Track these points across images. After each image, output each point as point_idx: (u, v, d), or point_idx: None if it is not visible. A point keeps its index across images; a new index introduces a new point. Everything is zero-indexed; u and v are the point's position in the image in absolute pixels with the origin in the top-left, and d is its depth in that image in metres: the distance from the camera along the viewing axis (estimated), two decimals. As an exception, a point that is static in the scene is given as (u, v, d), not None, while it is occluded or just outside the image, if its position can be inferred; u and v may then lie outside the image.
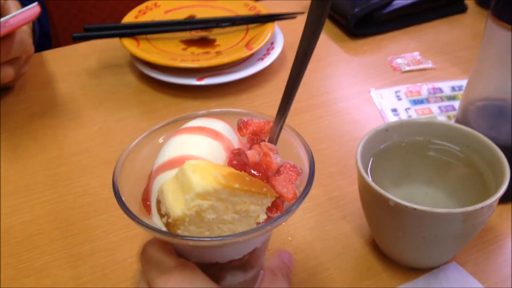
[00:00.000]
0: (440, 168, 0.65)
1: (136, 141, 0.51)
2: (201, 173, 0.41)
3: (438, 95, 0.91)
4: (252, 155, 0.48)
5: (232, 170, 0.44)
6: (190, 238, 0.41)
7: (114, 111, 0.95)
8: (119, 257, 0.67)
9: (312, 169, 0.47)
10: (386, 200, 0.55)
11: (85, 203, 0.76)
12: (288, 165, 0.48)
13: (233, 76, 0.91)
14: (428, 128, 0.65)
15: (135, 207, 0.47)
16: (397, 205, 0.54)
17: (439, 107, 0.88)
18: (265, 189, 0.44)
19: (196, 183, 0.40)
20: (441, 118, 0.86)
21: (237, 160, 0.47)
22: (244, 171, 0.46)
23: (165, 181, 0.44)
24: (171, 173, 0.45)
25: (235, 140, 0.50)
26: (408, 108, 0.88)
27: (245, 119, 0.49)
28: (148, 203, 0.48)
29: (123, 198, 0.45)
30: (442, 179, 0.65)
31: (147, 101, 0.97)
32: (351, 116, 0.88)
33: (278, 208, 0.45)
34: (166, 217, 0.42)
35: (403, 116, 0.85)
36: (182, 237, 0.41)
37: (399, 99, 0.90)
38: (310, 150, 0.49)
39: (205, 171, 0.42)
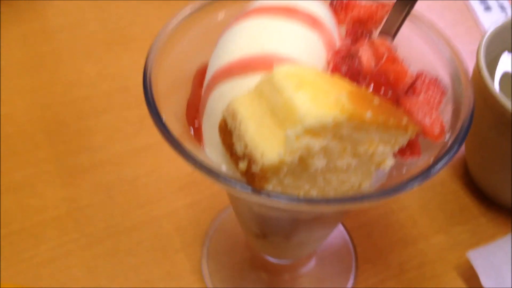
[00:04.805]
0: None
1: (179, 17, 0.31)
2: (311, 93, 0.23)
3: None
4: (366, 58, 0.30)
5: (350, 85, 0.26)
6: (295, 200, 0.24)
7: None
8: (128, 175, 0.50)
9: (465, 86, 0.29)
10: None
11: (80, 97, 0.57)
12: (427, 79, 0.30)
13: None
14: None
15: (176, 128, 0.29)
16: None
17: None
18: (405, 120, 0.26)
19: (306, 111, 0.23)
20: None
21: (348, 66, 0.29)
22: (357, 84, 0.29)
23: (238, 97, 0.26)
24: (246, 82, 0.27)
25: (336, 33, 0.31)
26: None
27: (346, -3, 0.31)
28: (195, 121, 0.31)
29: (163, 117, 0.27)
30: None
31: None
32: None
33: (414, 149, 0.28)
34: (245, 160, 0.24)
35: (494, 6, 0.66)
36: (282, 197, 0.24)
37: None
38: (460, 55, 0.31)
39: (317, 88, 0.24)
